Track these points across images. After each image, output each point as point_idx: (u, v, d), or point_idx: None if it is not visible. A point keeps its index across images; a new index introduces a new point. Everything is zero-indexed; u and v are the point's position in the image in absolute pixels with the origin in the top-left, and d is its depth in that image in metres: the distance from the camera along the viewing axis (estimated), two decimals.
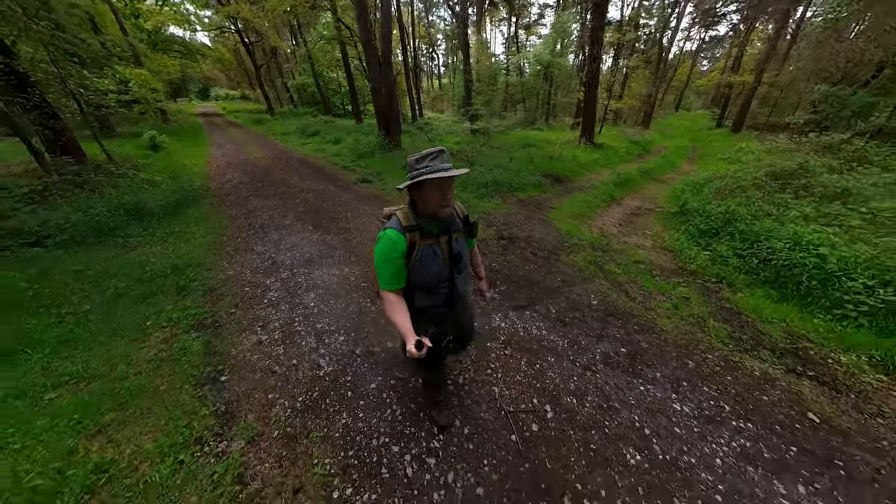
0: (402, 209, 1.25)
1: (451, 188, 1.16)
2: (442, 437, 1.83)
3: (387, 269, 1.20)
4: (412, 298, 1.31)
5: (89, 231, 4.00)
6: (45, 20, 6.09)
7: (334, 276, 3.49)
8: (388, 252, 1.18)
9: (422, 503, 1.54)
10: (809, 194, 4.72)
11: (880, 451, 1.81)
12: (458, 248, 1.30)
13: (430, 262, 1.25)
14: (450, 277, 1.31)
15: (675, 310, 2.99)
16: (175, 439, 1.79)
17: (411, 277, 1.26)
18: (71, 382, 2.14)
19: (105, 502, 1.50)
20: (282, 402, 2.06)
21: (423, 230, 1.21)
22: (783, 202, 4.31)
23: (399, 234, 1.18)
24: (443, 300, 1.36)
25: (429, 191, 1.13)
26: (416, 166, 1.13)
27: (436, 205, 1.16)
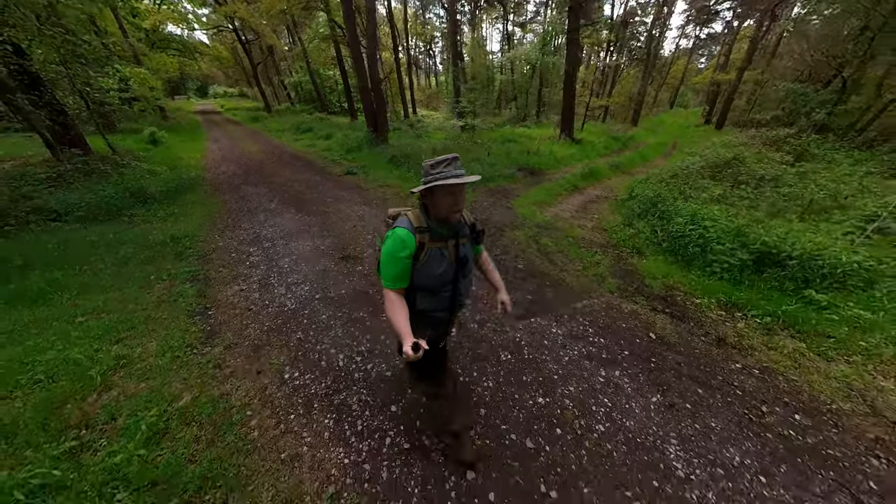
0: (412, 210, 1.29)
1: (462, 194, 1.19)
2: (468, 477, 1.64)
3: (392, 267, 1.22)
4: (414, 300, 1.32)
5: (100, 210, 4.72)
6: (56, 26, 6.80)
7: (308, 246, 4.19)
8: (397, 250, 1.20)
9: (345, 380, 2.24)
10: (734, 181, 5.41)
11: (690, 354, 2.50)
12: (465, 252, 1.33)
13: (438, 263, 1.25)
14: (454, 281, 1.34)
15: (584, 270, 3.68)
16: (173, 344, 2.50)
17: (416, 278, 1.27)
18: (94, 313, 2.85)
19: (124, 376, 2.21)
20: (253, 326, 2.77)
21: (434, 232, 1.24)
22: (703, 187, 4.98)
23: (409, 234, 1.20)
24: (445, 304, 1.37)
25: (441, 196, 1.16)
26: (431, 171, 1.16)
27: (447, 209, 1.19)
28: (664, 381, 2.26)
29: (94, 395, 2.06)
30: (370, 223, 4.92)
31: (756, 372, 2.34)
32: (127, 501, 1.49)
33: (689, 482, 1.66)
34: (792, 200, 4.47)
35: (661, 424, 1.95)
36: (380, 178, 7.60)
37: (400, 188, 6.80)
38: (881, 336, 2.51)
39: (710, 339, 2.65)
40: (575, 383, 2.22)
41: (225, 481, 1.62)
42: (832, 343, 2.53)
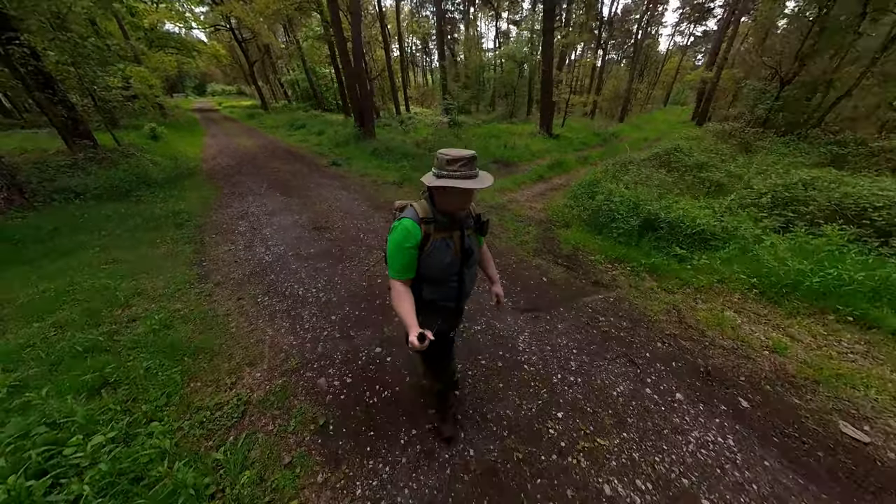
0: (418, 202, 1.29)
1: (473, 193, 1.20)
2: (448, 448, 1.80)
3: (399, 257, 1.23)
4: (420, 290, 1.35)
5: (111, 191, 5.60)
6: (70, 31, 7.69)
7: (287, 220, 5.05)
8: (402, 241, 1.21)
9: (301, 302, 3.09)
10: (668, 167, 6.23)
11: (568, 290, 3.34)
12: (470, 243, 1.34)
13: (443, 253, 1.26)
14: (460, 271, 1.35)
15: (513, 237, 4.52)
16: (175, 282, 3.36)
17: (422, 269, 1.28)
18: (113, 263, 3.71)
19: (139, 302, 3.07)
20: (237, 272, 3.62)
21: (439, 223, 1.24)
22: (636, 172, 5.82)
23: (415, 225, 1.21)
24: (451, 294, 1.39)
25: (453, 195, 1.16)
26: (447, 167, 1.13)
27: (456, 207, 1.21)
28: (539, 304, 3.10)
29: (119, 309, 2.92)
30: (344, 204, 5.78)
31: (611, 299, 3.17)
32: (146, 357, 2.34)
33: (525, 353, 2.50)
34: (705, 182, 5.30)
35: (523, 327, 2.79)
36: (361, 168, 8.45)
37: (378, 177, 7.64)
38: (714, 277, 3.35)
39: (589, 281, 3.49)
40: (471, 304, 3.05)
41: (211, 350, 2.48)
42: (677, 282, 3.37)
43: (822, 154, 7.62)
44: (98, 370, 2.15)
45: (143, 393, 2.05)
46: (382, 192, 6.58)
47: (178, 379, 2.18)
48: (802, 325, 2.77)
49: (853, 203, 3.95)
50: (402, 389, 2.18)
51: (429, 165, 5.50)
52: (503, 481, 1.66)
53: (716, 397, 2.14)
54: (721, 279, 3.33)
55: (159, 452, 1.63)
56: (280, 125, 16.89)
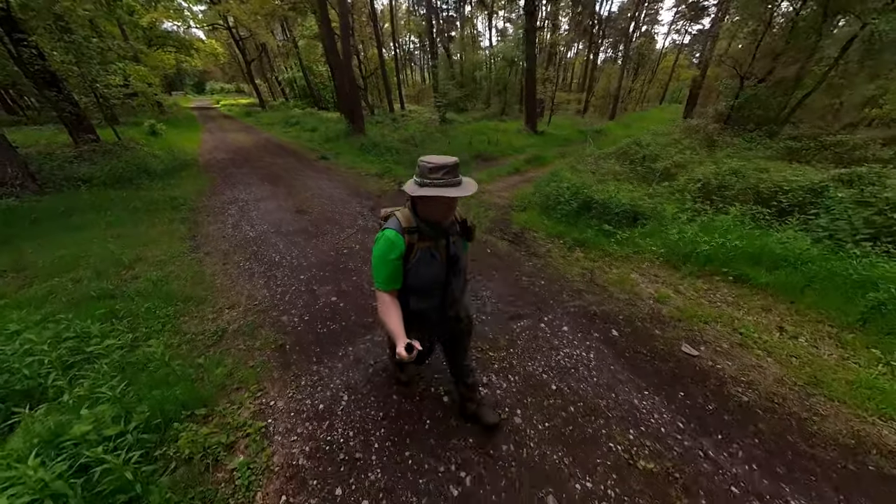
0: (401, 210, 1.29)
1: (456, 203, 1.21)
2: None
3: (384, 269, 1.23)
4: (407, 301, 1.34)
5: (115, 179, 6.24)
6: (74, 33, 8.33)
7: (273, 205, 5.68)
8: (386, 252, 1.21)
9: (276, 266, 3.72)
10: (627, 159, 6.83)
11: (508, 260, 3.95)
12: (456, 250, 1.33)
13: (428, 263, 1.26)
14: (446, 280, 1.35)
15: (472, 219, 5.13)
16: (170, 252, 3.98)
17: (408, 279, 1.28)
18: (118, 237, 4.34)
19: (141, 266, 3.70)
20: (224, 245, 4.25)
21: (423, 232, 1.24)
22: (588, 162, 6.42)
23: (398, 235, 1.21)
24: (438, 303, 1.39)
25: (436, 204, 1.17)
26: (429, 175, 1.12)
27: (440, 216, 1.21)
28: (480, 269, 3.71)
29: (124, 270, 3.56)
30: (326, 192, 6.40)
31: (538, 266, 3.78)
32: (146, 301, 2.96)
33: None
34: (653, 171, 5.90)
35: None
36: (348, 162, 9.08)
37: (362, 169, 8.26)
38: (632, 248, 3.96)
39: (527, 254, 4.10)
40: None
41: (199, 298, 3.11)
42: (600, 252, 3.98)
43: (780, 149, 8.20)
44: (108, 308, 2.78)
45: (144, 322, 2.67)
46: (363, 182, 7.21)
47: (171, 314, 2.81)
48: (690, 283, 3.38)
49: (766, 188, 4.54)
50: (347, 325, 2.80)
51: (411, 160, 6.11)
52: None
53: (593, 329, 2.75)
54: (636, 250, 3.93)
55: (157, 353, 2.25)
56: (276, 122, 17.53)
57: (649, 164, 6.38)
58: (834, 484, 1.67)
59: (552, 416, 2.00)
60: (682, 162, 5.93)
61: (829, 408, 2.08)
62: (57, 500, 1.25)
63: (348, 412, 2.03)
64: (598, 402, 2.10)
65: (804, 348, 2.54)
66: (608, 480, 1.67)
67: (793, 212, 4.20)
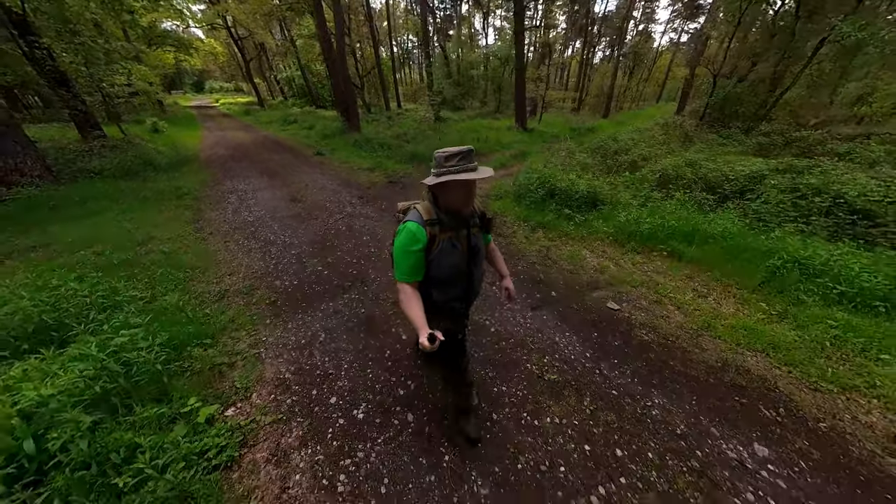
0: (421, 203, 1.32)
1: (475, 187, 1.24)
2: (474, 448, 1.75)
3: (405, 261, 1.27)
4: (429, 292, 1.37)
5: (123, 172, 6.80)
6: (83, 36, 8.89)
7: (269, 195, 6.24)
8: (408, 244, 1.25)
9: (272, 244, 4.27)
10: (600, 153, 7.37)
11: None
12: (477, 242, 1.39)
13: (450, 254, 1.30)
14: (468, 271, 1.39)
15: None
16: (178, 233, 4.54)
17: (430, 270, 1.32)
18: (131, 221, 4.90)
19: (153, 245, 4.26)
20: (225, 227, 4.81)
21: (444, 224, 1.27)
22: (562, 155, 6.96)
23: (420, 227, 1.24)
24: (459, 294, 1.43)
25: (454, 190, 1.20)
26: (444, 164, 1.17)
27: (460, 203, 1.24)
28: None
29: (138, 245, 4.11)
30: (319, 183, 6.96)
31: (503, 244, 4.32)
32: (160, 268, 3.51)
33: None
34: (621, 163, 6.45)
35: None
36: (342, 157, 9.63)
37: (354, 164, 8.80)
38: (587, 230, 4.50)
39: (494, 234, 4.65)
40: None
41: (204, 267, 3.66)
42: (559, 233, 4.52)
43: (752, 144, 8.73)
44: (129, 272, 3.33)
45: (160, 283, 3.22)
46: (355, 175, 7.76)
47: (181, 278, 3.36)
48: (630, 258, 3.92)
49: (714, 177, 5.08)
50: (329, 287, 3.35)
51: (402, 155, 6.66)
52: (376, 322, 2.83)
53: (536, 291, 3.30)
54: (591, 231, 4.48)
55: (172, 303, 2.80)
56: (274, 121, 18.10)
57: (618, 157, 6.91)
58: (692, 390, 2.22)
59: (487, 348, 2.55)
60: (648, 155, 6.46)
61: (711, 343, 2.62)
62: (112, 378, 1.81)
63: (325, 345, 2.58)
64: (525, 339, 2.65)
65: (709, 304, 3.09)
66: (520, 385, 2.22)
67: (734, 198, 4.74)
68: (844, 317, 2.66)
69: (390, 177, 7.55)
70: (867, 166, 5.25)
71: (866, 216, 3.73)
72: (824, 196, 3.99)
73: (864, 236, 3.58)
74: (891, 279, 2.83)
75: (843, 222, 3.73)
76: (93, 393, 1.70)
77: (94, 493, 1.43)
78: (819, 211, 3.93)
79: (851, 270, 2.95)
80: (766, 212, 4.20)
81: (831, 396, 2.14)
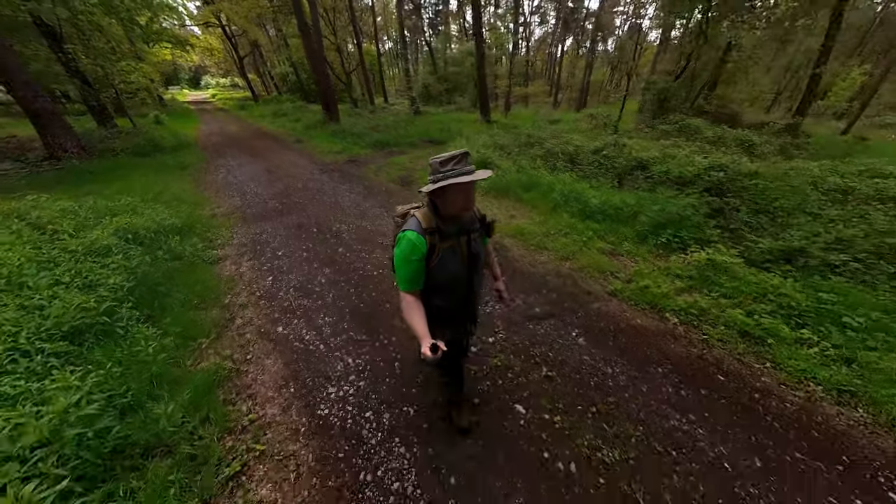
0: (420, 210, 1.35)
1: (473, 190, 1.27)
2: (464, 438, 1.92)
3: (406, 270, 1.31)
4: (429, 299, 1.41)
5: (137, 152, 8.97)
6: (96, 42, 11.02)
7: (252, 167, 8.36)
8: (408, 254, 1.28)
9: (249, 194, 6.39)
10: (528, 143, 9.42)
11: (394, 191, 6.60)
12: (477, 248, 1.42)
13: (450, 262, 1.34)
14: (468, 277, 1.44)
15: (390, 174, 7.77)
16: (183, 188, 6.67)
17: (430, 278, 1.36)
18: (148, 182, 7.03)
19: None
20: (216, 185, 6.94)
21: (443, 232, 1.30)
22: (484, 138, 9.04)
23: (419, 237, 1.27)
24: (460, 300, 1.49)
25: (453, 194, 1.23)
26: (441, 169, 1.20)
27: (459, 208, 1.27)
28: (376, 198, 6.33)
29: (157, 194, 6.23)
30: (292, 161, 9.08)
31: (410, 194, 6.40)
32: (172, 201, 5.62)
33: (340, 205, 5.76)
34: (528, 143, 8.52)
35: (368, 210, 6.04)
36: (318, 144, 11.74)
37: (326, 148, 10.88)
38: (531, 208, 6.57)
39: (405, 188, 6.72)
40: (340, 198, 6.31)
41: (201, 204, 5.79)
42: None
43: (671, 130, 10.75)
44: (153, 207, 5.45)
45: (175, 208, 5.33)
46: (323, 156, 9.87)
47: (187, 207, 5.48)
48: (495, 202, 5.99)
49: (574, 151, 7.13)
50: (281, 214, 5.44)
51: (369, 142, 8.97)
52: (303, 226, 4.94)
53: None
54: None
55: (184, 213, 4.91)
56: (266, 115, 20.24)
57: (529, 139, 8.96)
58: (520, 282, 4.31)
59: (360, 238, 4.63)
60: (546, 137, 8.53)
61: (528, 252, 4.71)
62: (130, 242, 3.91)
63: (270, 234, 4.69)
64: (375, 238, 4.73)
65: (534, 222, 5.15)
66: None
67: (579, 163, 6.80)
68: (570, 220, 4.74)
69: (352, 157, 9.66)
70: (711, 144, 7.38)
71: (643, 168, 5.80)
72: (620, 161, 6.07)
73: (631, 184, 5.64)
74: (610, 206, 4.87)
75: (626, 175, 5.80)
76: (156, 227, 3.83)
77: None
78: (609, 168, 6.01)
79: (593, 199, 5.01)
80: (582, 170, 6.28)
81: (550, 258, 4.21)
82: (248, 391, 2.28)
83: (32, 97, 7.51)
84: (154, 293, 3.07)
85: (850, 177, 5.21)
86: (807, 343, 2.60)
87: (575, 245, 4.25)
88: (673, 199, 4.72)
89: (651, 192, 5.24)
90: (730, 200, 4.64)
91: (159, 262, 3.53)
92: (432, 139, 12.98)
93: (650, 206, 4.60)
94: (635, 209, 4.73)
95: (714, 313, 2.95)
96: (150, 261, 3.47)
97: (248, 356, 2.58)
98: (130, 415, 1.88)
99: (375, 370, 2.45)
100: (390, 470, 1.80)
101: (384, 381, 2.36)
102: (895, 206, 4.39)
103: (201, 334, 2.74)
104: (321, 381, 2.35)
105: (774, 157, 7.83)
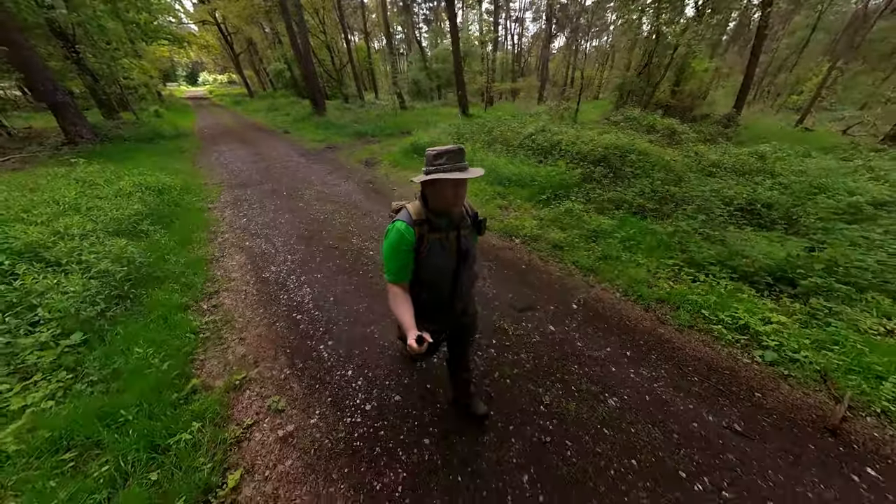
0: (412, 203, 1.39)
1: (464, 187, 1.29)
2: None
3: (394, 261, 1.35)
4: (417, 292, 1.45)
5: (141, 139, 10.54)
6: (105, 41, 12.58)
7: (241, 152, 9.91)
8: (397, 244, 1.32)
9: (236, 172, 7.92)
10: (484, 131, 10.91)
11: (360, 170, 8.11)
12: (467, 244, 1.45)
13: (439, 255, 1.38)
14: (456, 272, 1.47)
15: (358, 157, 9.28)
16: (183, 167, 8.22)
17: (419, 271, 1.40)
18: (154, 162, 8.58)
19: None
20: (209, 164, 8.49)
21: (433, 224, 1.34)
22: (451, 128, 10.54)
23: (408, 227, 1.31)
24: (446, 295, 1.52)
25: (442, 189, 1.26)
26: (434, 162, 1.23)
27: (447, 203, 1.29)
28: (344, 176, 7.84)
29: (157, 168, 7.77)
30: (277, 148, 10.63)
31: (372, 173, 7.91)
32: (175, 176, 7.15)
33: (309, 178, 7.27)
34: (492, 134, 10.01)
35: (330, 181, 7.55)
36: (303, 134, 13.28)
37: (310, 138, 12.41)
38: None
39: (369, 168, 8.22)
40: (311, 173, 7.82)
41: (198, 175, 7.33)
42: (418, 170, 8.11)
43: (613, 122, 12.20)
44: (158, 173, 6.98)
45: (175, 175, 6.86)
46: (306, 144, 11.41)
47: (185, 176, 7.01)
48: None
49: (542, 142, 8.61)
50: (260, 184, 6.96)
51: (350, 132, 10.67)
52: (277, 191, 6.46)
53: (374, 195, 6.89)
54: None
55: (185, 180, 6.43)
56: (260, 110, 21.84)
57: (492, 131, 10.45)
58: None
59: (318, 198, 6.14)
60: (510, 130, 10.05)
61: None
62: (144, 192, 5.44)
63: (250, 195, 6.22)
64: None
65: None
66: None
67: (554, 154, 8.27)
68: (482, 186, 6.22)
69: (330, 145, 11.20)
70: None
71: (558, 147, 7.28)
72: (543, 143, 7.55)
73: (549, 160, 7.11)
74: (515, 175, 6.33)
75: (546, 153, 7.28)
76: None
77: None
78: (535, 149, 7.50)
79: (504, 170, 6.48)
80: (513, 151, 7.76)
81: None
82: (223, 266, 3.81)
83: (52, 91, 9.06)
84: (163, 219, 4.63)
85: (735, 156, 6.61)
86: (587, 250, 4.08)
87: (478, 201, 5.75)
88: (564, 171, 6.20)
89: (554, 165, 6.71)
90: (603, 170, 6.11)
91: (166, 204, 5.09)
92: (409, 131, 14.50)
93: (547, 175, 6.08)
94: (534, 177, 6.21)
95: (543, 236, 4.43)
96: (160, 202, 5.03)
97: (224, 253, 4.11)
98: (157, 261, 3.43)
99: (304, 259, 3.97)
100: (297, 296, 3.31)
101: (308, 263, 3.87)
102: (734, 174, 5.88)
103: (196, 243, 4.27)
104: (267, 264, 3.89)
105: (694, 143, 9.29)
